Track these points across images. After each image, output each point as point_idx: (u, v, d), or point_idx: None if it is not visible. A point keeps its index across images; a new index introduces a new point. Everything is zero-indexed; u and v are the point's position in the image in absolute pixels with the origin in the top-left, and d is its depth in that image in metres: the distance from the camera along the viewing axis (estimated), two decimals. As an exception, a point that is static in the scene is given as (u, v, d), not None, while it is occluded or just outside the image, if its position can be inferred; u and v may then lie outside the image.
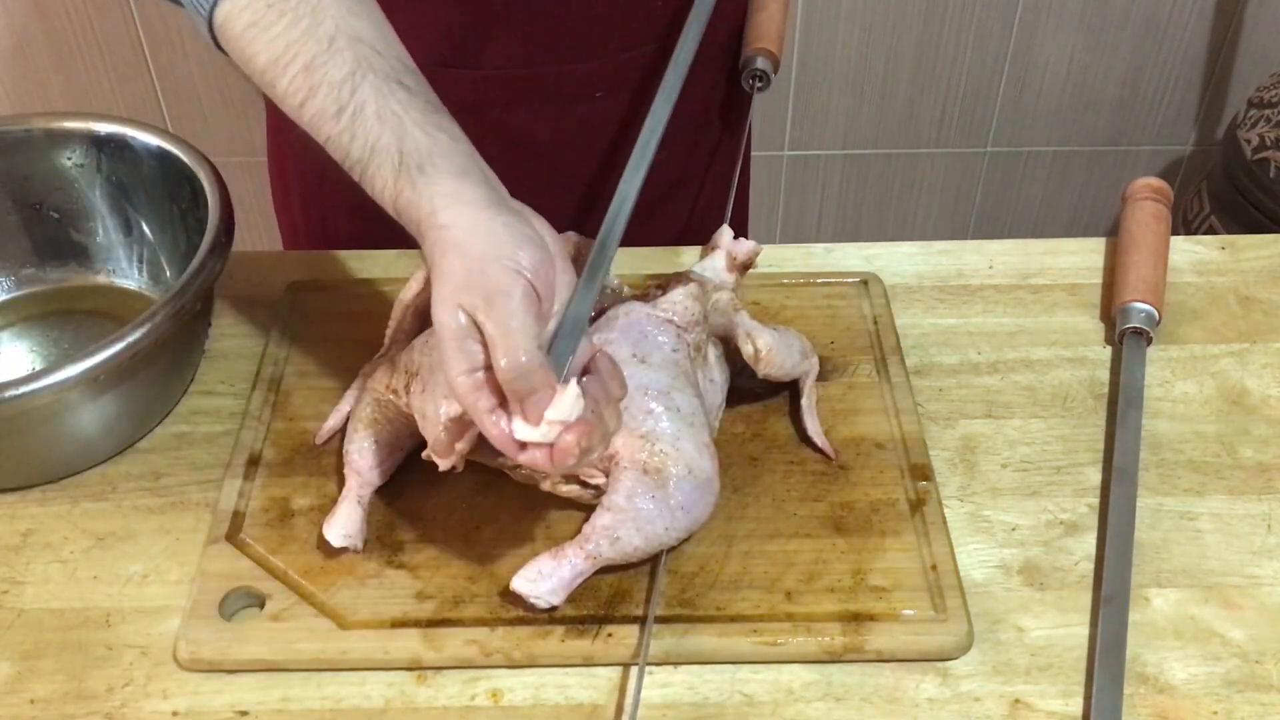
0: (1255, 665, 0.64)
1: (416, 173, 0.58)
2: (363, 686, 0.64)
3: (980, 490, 0.74)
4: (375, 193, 0.60)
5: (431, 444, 0.66)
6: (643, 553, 0.65)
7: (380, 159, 0.59)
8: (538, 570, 0.63)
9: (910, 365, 0.81)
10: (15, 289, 0.88)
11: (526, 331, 0.56)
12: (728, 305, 0.74)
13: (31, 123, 0.85)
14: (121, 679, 0.64)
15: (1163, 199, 0.90)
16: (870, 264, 0.91)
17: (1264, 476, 0.75)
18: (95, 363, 0.68)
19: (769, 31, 1.01)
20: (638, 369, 0.68)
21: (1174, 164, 1.97)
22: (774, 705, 0.63)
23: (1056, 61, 1.84)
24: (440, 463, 0.65)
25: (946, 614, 0.65)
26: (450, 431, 0.65)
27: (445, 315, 0.57)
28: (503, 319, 0.56)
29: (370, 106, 0.59)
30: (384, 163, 0.59)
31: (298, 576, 0.67)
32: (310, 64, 0.59)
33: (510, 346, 0.55)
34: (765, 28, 1.01)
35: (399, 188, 0.59)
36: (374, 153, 0.59)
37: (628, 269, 0.87)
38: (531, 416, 0.56)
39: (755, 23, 1.02)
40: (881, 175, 1.97)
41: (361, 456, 0.70)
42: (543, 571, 0.63)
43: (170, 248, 0.86)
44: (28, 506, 0.73)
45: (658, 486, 0.65)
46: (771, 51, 1.00)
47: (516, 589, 0.63)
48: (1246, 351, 0.84)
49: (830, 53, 1.81)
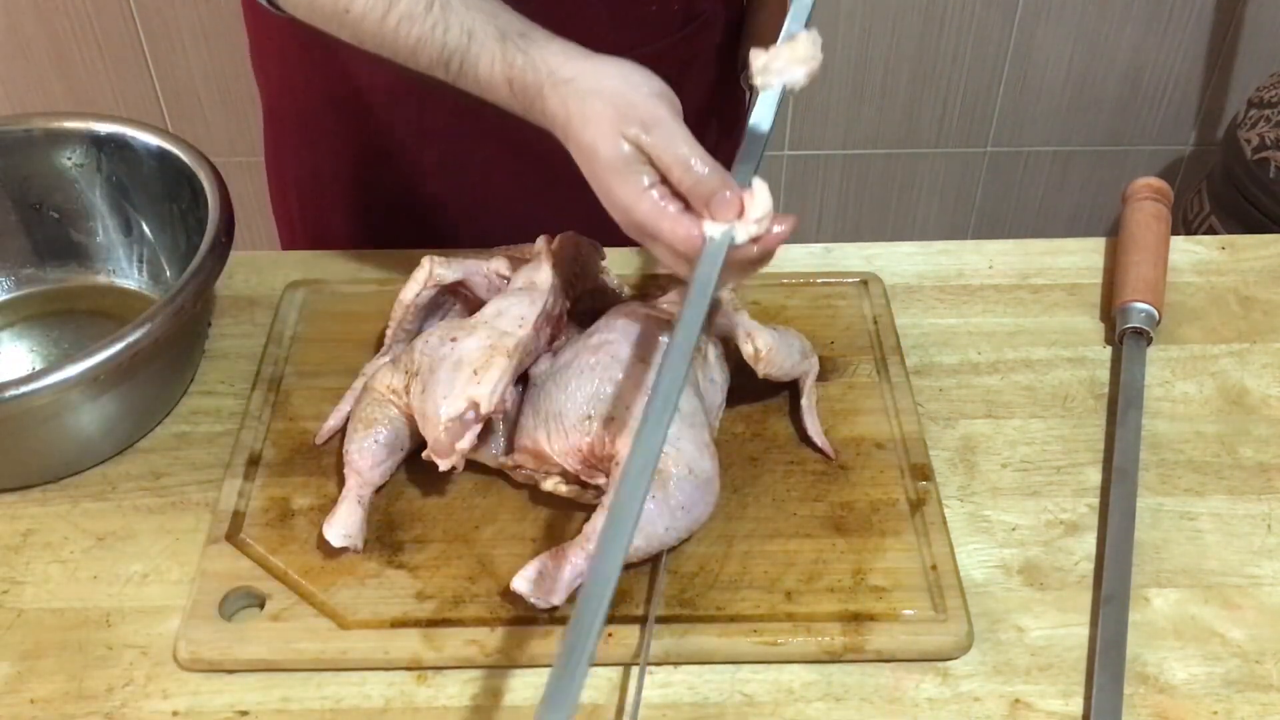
0: (1255, 665, 0.64)
1: (524, 41, 0.63)
2: (363, 686, 0.64)
3: (980, 490, 0.74)
4: (478, 74, 0.64)
5: (432, 444, 0.66)
6: (643, 552, 0.65)
7: (481, 40, 0.63)
8: (538, 570, 0.63)
9: (910, 365, 0.81)
10: (15, 289, 0.88)
11: (694, 143, 0.61)
12: (727, 305, 0.74)
13: (31, 123, 0.85)
14: (121, 679, 0.64)
15: (1163, 199, 0.90)
16: (870, 264, 0.91)
17: (1264, 476, 0.75)
18: (95, 363, 0.68)
19: (768, 31, 1.01)
20: (637, 369, 0.68)
21: (1174, 164, 1.97)
22: (774, 705, 0.63)
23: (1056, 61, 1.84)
24: (441, 463, 0.65)
25: (946, 614, 0.65)
26: (451, 431, 0.65)
27: (609, 149, 0.61)
28: (670, 137, 0.61)
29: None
30: (486, 41, 0.63)
31: (298, 576, 0.67)
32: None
33: (687, 158, 0.60)
34: (764, 27, 1.01)
35: (509, 60, 0.63)
36: (472, 37, 0.63)
37: (628, 269, 0.87)
38: (719, 215, 0.60)
39: (754, 22, 1.02)
40: (881, 175, 1.97)
41: (362, 456, 0.70)
42: (543, 572, 0.63)
43: (170, 248, 0.86)
44: (28, 506, 0.73)
45: (658, 487, 0.65)
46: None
47: (517, 589, 0.63)
48: (1246, 351, 0.84)
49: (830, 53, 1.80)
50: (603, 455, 0.66)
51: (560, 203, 0.96)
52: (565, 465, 0.67)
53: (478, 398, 0.66)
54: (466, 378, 0.67)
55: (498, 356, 0.68)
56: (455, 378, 0.67)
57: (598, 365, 0.68)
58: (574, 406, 0.67)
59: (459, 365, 0.68)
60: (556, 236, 0.76)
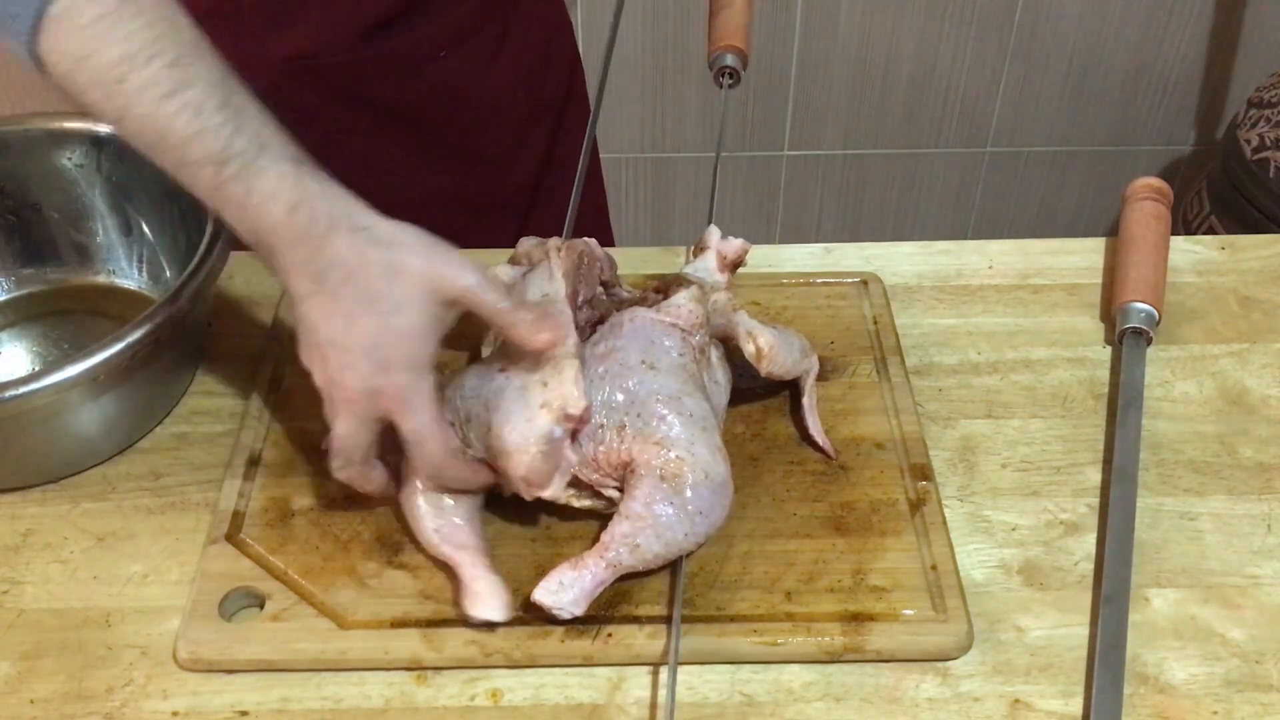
0: (1255, 665, 0.64)
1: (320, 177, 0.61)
2: (363, 686, 0.64)
3: (980, 490, 0.74)
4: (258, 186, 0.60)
5: (524, 474, 0.63)
6: (662, 559, 0.65)
7: (274, 156, 0.60)
8: (559, 581, 0.63)
9: (910, 365, 0.81)
10: (15, 289, 0.88)
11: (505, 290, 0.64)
12: (726, 305, 0.74)
13: (31, 123, 0.85)
14: (121, 679, 0.64)
15: (1163, 199, 0.90)
16: (870, 264, 0.91)
17: (1264, 476, 0.75)
18: (95, 363, 0.68)
19: (735, 28, 1.01)
20: (647, 375, 0.67)
21: (1174, 164, 1.97)
22: (774, 705, 0.63)
23: (1056, 61, 1.84)
24: (542, 493, 0.64)
25: (946, 614, 0.65)
26: (547, 453, 0.63)
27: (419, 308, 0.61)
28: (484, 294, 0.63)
29: (253, 109, 0.61)
30: (279, 160, 0.60)
31: (298, 576, 0.67)
32: (178, 61, 0.59)
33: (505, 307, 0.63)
34: (731, 24, 1.01)
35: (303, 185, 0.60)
36: (265, 149, 0.60)
37: (628, 269, 0.87)
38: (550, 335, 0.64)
39: (720, 20, 1.02)
40: (881, 175, 1.97)
41: (457, 532, 0.67)
42: (564, 582, 0.63)
43: (170, 248, 0.86)
44: (28, 506, 0.73)
45: (675, 492, 0.65)
46: (739, 48, 1.00)
47: (538, 600, 0.63)
48: (1246, 351, 0.84)
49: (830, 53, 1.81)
50: (617, 464, 0.66)
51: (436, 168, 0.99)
52: (579, 474, 0.67)
53: (563, 400, 0.62)
54: (539, 392, 0.63)
55: (563, 360, 0.64)
56: (526, 398, 0.63)
57: (607, 374, 0.68)
58: None
59: (525, 387, 0.64)
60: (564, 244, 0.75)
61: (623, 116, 1.87)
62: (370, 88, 0.95)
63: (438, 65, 0.96)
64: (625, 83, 1.83)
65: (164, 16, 0.59)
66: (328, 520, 0.70)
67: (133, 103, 0.59)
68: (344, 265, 0.60)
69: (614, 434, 0.66)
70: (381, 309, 0.60)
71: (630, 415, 0.66)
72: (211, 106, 0.59)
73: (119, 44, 0.58)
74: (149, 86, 0.58)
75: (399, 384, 0.61)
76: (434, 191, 1.00)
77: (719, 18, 1.02)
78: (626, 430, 0.66)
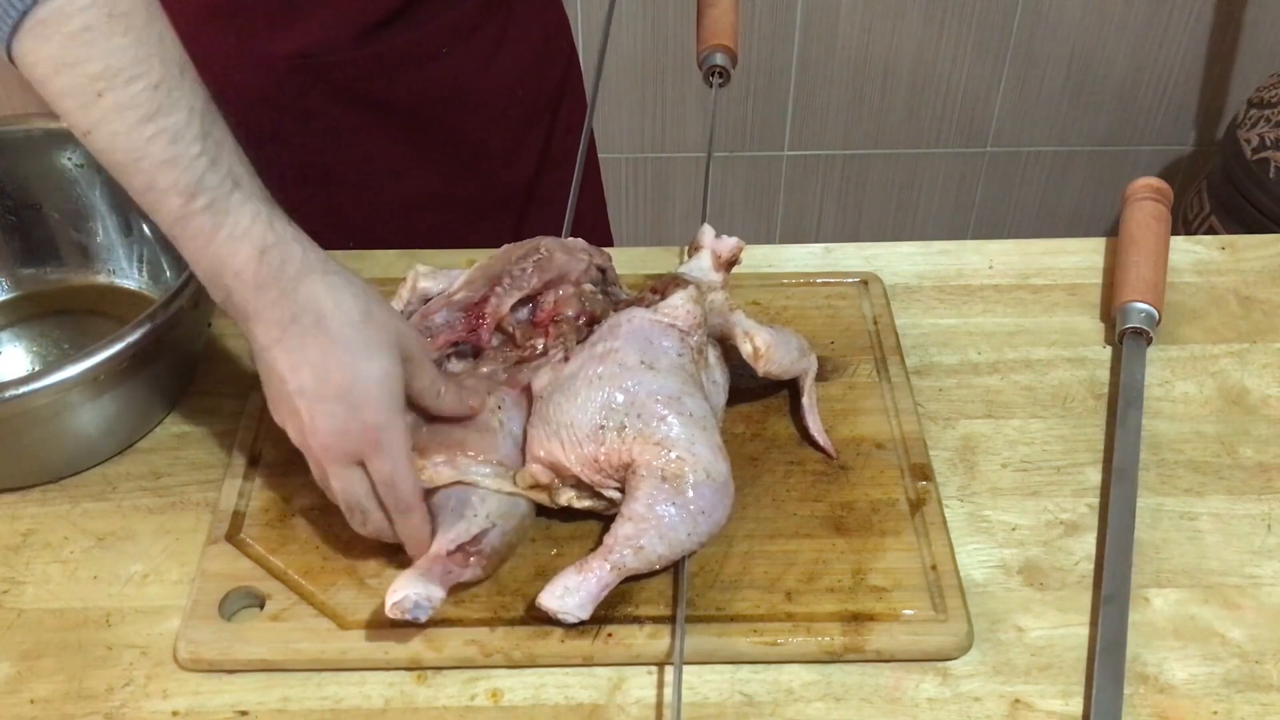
0: (1255, 665, 0.64)
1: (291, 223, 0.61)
2: (363, 686, 0.64)
3: (980, 490, 0.74)
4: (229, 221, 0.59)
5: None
6: (665, 559, 0.65)
7: (247, 194, 0.60)
8: (564, 586, 0.63)
9: (910, 365, 0.81)
10: (15, 289, 0.88)
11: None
12: (723, 305, 0.74)
13: (31, 123, 0.85)
14: (121, 679, 0.64)
15: (1163, 199, 0.90)
16: (870, 264, 0.91)
17: (1264, 476, 0.75)
18: (95, 363, 0.68)
19: (724, 27, 1.01)
20: (646, 375, 0.67)
21: (1174, 164, 1.97)
22: (774, 705, 0.63)
23: (1056, 61, 1.84)
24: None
25: (946, 614, 0.65)
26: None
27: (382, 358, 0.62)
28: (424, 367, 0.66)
29: (229, 144, 0.60)
30: (252, 199, 0.60)
31: (298, 576, 0.67)
32: (161, 83, 0.57)
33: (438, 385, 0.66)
34: (719, 24, 1.01)
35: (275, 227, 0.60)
36: (239, 186, 0.59)
37: (627, 268, 0.87)
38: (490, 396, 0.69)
39: (708, 20, 1.02)
40: (881, 175, 1.97)
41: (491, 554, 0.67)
42: (569, 586, 0.63)
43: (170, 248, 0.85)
44: (28, 506, 0.73)
45: (677, 493, 0.65)
46: (728, 47, 1.00)
47: (544, 605, 0.63)
48: (1246, 351, 0.84)
49: (830, 53, 1.81)
50: (618, 465, 0.66)
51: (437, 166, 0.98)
52: (581, 475, 0.67)
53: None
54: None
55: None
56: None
57: (606, 375, 0.68)
58: (586, 417, 0.67)
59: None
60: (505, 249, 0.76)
61: (621, 116, 1.87)
62: (371, 85, 0.95)
63: (438, 63, 0.96)
64: (624, 82, 1.83)
65: (153, 35, 0.58)
66: (328, 520, 0.70)
67: (108, 120, 0.57)
68: (317, 309, 0.60)
69: (614, 435, 0.66)
70: (355, 353, 0.60)
71: (630, 416, 0.66)
72: (190, 136, 0.58)
73: (102, 58, 0.56)
74: (128, 107, 0.57)
75: (372, 424, 0.61)
76: (433, 190, 1.01)
77: (707, 17, 1.02)
78: (626, 431, 0.66)
